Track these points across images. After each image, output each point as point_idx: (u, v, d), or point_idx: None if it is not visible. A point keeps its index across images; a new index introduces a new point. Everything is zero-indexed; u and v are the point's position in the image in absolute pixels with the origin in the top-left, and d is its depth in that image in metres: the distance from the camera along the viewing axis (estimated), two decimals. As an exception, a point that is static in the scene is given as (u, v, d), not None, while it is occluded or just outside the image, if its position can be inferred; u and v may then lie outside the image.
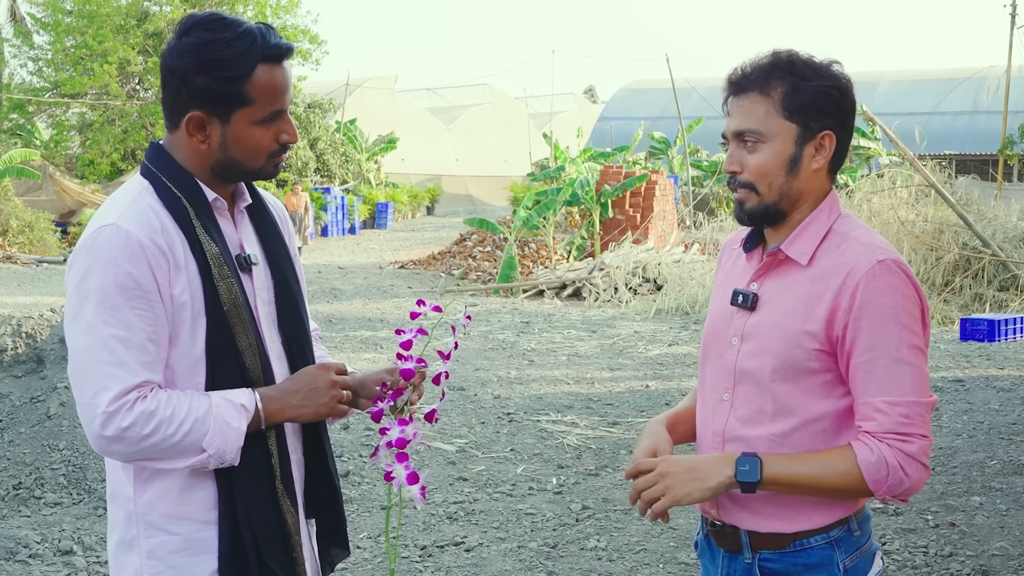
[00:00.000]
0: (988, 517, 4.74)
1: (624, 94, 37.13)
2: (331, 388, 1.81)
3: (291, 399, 1.79)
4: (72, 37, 23.59)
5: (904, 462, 1.67)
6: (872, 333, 1.68)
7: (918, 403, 1.69)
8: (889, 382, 1.69)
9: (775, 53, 1.79)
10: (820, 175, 1.79)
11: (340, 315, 11.48)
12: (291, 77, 1.82)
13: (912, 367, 1.69)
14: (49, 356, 5.60)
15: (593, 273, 13.54)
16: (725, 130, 1.81)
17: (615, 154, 24.26)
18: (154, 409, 1.68)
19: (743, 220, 1.81)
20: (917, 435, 1.68)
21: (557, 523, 4.74)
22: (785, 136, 1.76)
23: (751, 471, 1.70)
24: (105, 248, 1.70)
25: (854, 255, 1.72)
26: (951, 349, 9.31)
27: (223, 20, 1.76)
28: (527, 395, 7.47)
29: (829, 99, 1.76)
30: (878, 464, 1.67)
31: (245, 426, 1.74)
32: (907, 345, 1.69)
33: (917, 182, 12.58)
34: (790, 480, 1.71)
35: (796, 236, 1.78)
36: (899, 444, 1.67)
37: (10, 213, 18.28)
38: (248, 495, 1.77)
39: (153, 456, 1.72)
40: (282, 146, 1.81)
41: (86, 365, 1.70)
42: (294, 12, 24.49)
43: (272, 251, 1.90)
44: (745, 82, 1.78)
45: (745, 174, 1.78)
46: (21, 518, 4.68)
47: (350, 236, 23.77)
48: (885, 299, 1.69)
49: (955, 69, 32.80)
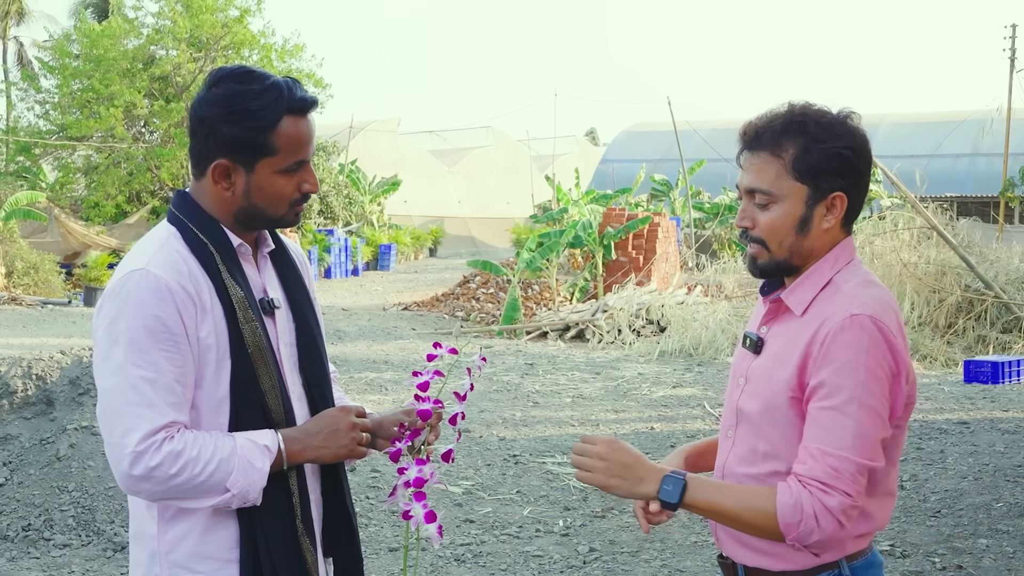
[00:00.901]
0: (995, 560, 4.74)
1: (626, 136, 37.44)
2: (351, 430, 1.85)
3: (312, 440, 1.83)
4: (79, 81, 23.86)
5: (820, 513, 1.66)
6: (828, 383, 1.69)
7: (850, 460, 1.67)
8: (830, 432, 1.68)
9: (789, 111, 1.79)
10: (832, 232, 1.80)
11: (344, 357, 11.50)
12: (315, 128, 1.88)
13: (856, 424, 1.68)
14: (59, 398, 5.62)
15: (596, 315, 13.58)
16: (739, 183, 1.83)
17: (617, 196, 24.43)
18: (181, 449, 1.73)
19: (755, 274, 1.84)
20: (840, 490, 1.67)
21: (564, 565, 4.74)
22: (795, 197, 1.76)
23: (672, 492, 1.72)
24: (134, 292, 1.75)
25: (834, 306, 1.73)
26: (955, 391, 9.32)
27: (252, 73, 1.83)
28: (532, 437, 7.48)
29: (841, 160, 1.75)
30: (794, 508, 1.67)
31: (268, 467, 1.78)
32: (857, 402, 1.68)
33: (919, 224, 12.67)
34: (709, 509, 1.73)
35: (797, 285, 1.81)
36: (820, 494, 1.67)
37: (15, 255, 18.38)
38: (269, 534, 1.81)
39: (179, 495, 1.76)
40: (303, 195, 1.87)
41: (115, 406, 1.74)
42: (299, 56, 24.80)
43: (294, 295, 1.96)
44: (757, 140, 1.79)
45: (757, 231, 1.80)
46: (30, 560, 4.69)
47: (353, 278, 23.84)
48: (847, 353, 1.69)
49: (955, 112, 33.07)
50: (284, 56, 24.35)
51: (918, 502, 5.72)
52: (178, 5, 23.62)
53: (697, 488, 1.73)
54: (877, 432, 1.70)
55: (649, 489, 1.74)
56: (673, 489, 1.72)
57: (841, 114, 1.80)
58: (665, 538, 5.09)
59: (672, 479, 1.73)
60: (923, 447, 7.00)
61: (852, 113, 1.80)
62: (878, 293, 1.77)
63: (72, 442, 5.33)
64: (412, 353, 12.05)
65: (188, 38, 23.44)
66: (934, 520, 5.38)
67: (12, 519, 5.00)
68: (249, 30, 24.09)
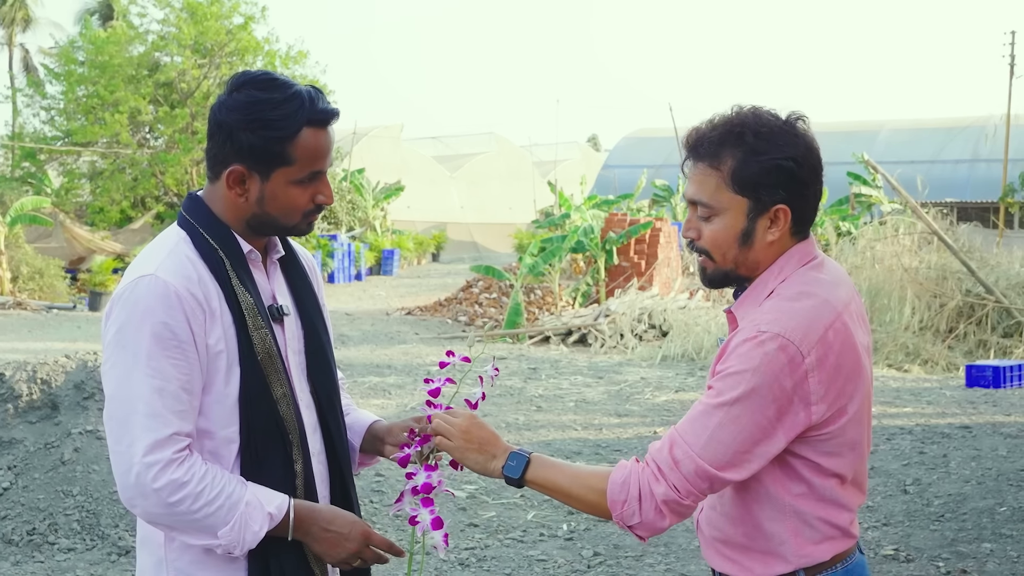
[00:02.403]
0: (999, 564, 4.74)
1: (627, 143, 37.45)
2: (357, 550, 1.82)
3: (320, 531, 1.80)
4: (84, 87, 23.92)
5: (644, 496, 1.68)
6: (714, 385, 1.69)
7: (694, 459, 1.65)
8: (690, 425, 1.68)
9: (728, 120, 1.73)
10: (780, 243, 1.74)
11: (348, 361, 11.51)
12: (334, 139, 1.86)
13: (717, 427, 1.65)
14: (64, 402, 5.64)
15: (599, 319, 13.59)
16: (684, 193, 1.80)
17: (619, 201, 24.43)
18: (187, 480, 1.71)
19: (705, 284, 1.83)
20: (670, 483, 1.66)
21: (569, 569, 4.75)
22: (736, 210, 1.72)
23: (515, 468, 1.79)
24: (143, 298, 1.74)
25: (750, 320, 1.71)
26: (957, 395, 9.33)
27: (274, 81, 1.80)
28: (535, 441, 7.49)
29: (781, 172, 1.69)
30: (621, 487, 1.69)
31: (264, 533, 1.76)
32: (726, 408, 1.65)
33: (920, 229, 12.68)
34: (545, 485, 1.79)
35: (743, 299, 1.79)
36: (651, 478, 1.68)
37: (21, 260, 18.41)
38: (279, 541, 1.79)
39: (169, 524, 1.74)
40: (317, 206, 1.85)
41: (122, 414, 1.74)
42: (303, 63, 24.85)
43: (303, 302, 1.94)
44: (696, 151, 1.74)
45: (702, 242, 1.77)
46: (35, 564, 4.71)
47: (356, 283, 23.86)
48: (739, 363, 1.66)
49: (955, 118, 33.09)
50: (288, 62, 24.39)
51: (922, 506, 5.73)
52: (183, 12, 23.69)
53: (538, 466, 1.78)
54: (739, 445, 1.65)
55: (498, 465, 1.80)
56: (516, 465, 1.78)
57: (790, 119, 1.74)
58: (669, 542, 5.11)
59: (517, 456, 1.79)
60: (926, 451, 7.01)
61: (800, 118, 1.74)
62: (807, 306, 1.69)
63: (77, 446, 5.35)
64: (415, 357, 12.07)
65: (193, 45, 23.50)
66: (938, 524, 5.39)
67: (17, 523, 5.02)
68: (253, 37, 24.13)
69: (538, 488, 1.79)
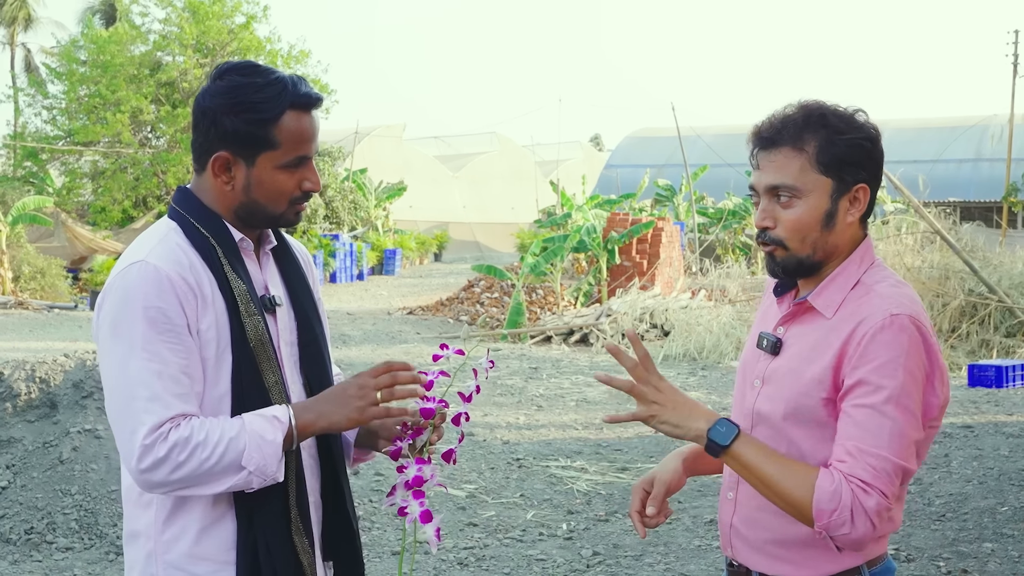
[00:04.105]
0: (1001, 564, 4.72)
1: (630, 142, 37.45)
2: (360, 391, 1.79)
3: (322, 407, 1.78)
4: (86, 87, 23.95)
5: (856, 511, 1.63)
6: (867, 382, 1.66)
7: (888, 460, 1.64)
8: (866, 431, 1.65)
9: (805, 106, 1.77)
10: (854, 227, 1.78)
11: (349, 360, 11.50)
12: (319, 127, 1.86)
13: (893, 423, 1.65)
14: (62, 401, 5.63)
15: (600, 319, 13.57)
16: (755, 184, 1.79)
17: (621, 201, 24.42)
18: (188, 435, 1.69)
19: (776, 273, 1.81)
20: (878, 490, 1.64)
21: (568, 569, 4.73)
22: (821, 191, 1.74)
23: (725, 434, 1.69)
24: (135, 284, 1.73)
25: (870, 307, 1.71)
26: (959, 395, 9.30)
27: (257, 67, 1.81)
28: (536, 440, 7.47)
29: (862, 151, 1.75)
30: (833, 495, 1.64)
31: (281, 439, 1.73)
32: (895, 402, 1.65)
33: (922, 229, 12.65)
34: (750, 466, 1.69)
35: (824, 287, 1.77)
36: (860, 492, 1.63)
37: (22, 259, 18.43)
38: (268, 536, 1.78)
39: (194, 483, 1.71)
40: (304, 193, 1.84)
41: (122, 402, 1.72)
42: (305, 62, 24.87)
43: (296, 293, 1.93)
44: (777, 136, 1.75)
45: (778, 230, 1.76)
46: (33, 563, 4.70)
47: (358, 282, 23.86)
48: (887, 352, 1.66)
49: (958, 118, 33.06)
50: (290, 62, 24.42)
51: (923, 506, 5.71)
52: (185, 11, 23.71)
53: (747, 443, 1.70)
54: (912, 434, 1.67)
55: (701, 428, 1.70)
56: (727, 432, 1.69)
57: (852, 109, 1.80)
58: (669, 542, 5.09)
59: (727, 423, 1.70)
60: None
61: (860, 110, 1.79)
62: (912, 294, 1.75)
63: (75, 445, 5.34)
64: (417, 357, 12.05)
65: (194, 44, 23.53)
66: (939, 524, 5.37)
67: (15, 522, 5.01)
68: (255, 36, 24.16)
69: (739, 465, 1.70)
